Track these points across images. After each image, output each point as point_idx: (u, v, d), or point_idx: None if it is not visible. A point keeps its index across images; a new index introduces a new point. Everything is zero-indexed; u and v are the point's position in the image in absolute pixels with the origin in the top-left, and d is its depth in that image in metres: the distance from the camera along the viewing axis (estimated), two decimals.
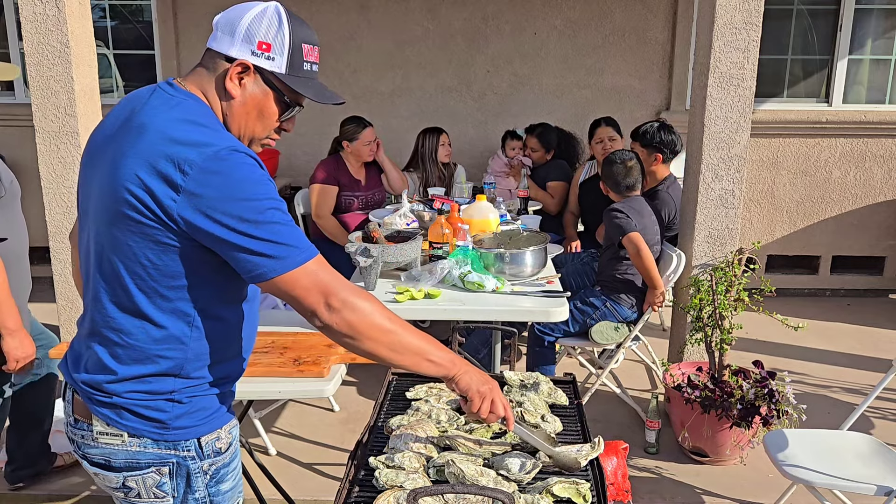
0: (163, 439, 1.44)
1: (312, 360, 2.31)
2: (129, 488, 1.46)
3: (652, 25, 5.40)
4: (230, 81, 1.41)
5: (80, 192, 1.49)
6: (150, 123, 1.33)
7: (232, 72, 1.40)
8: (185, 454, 1.47)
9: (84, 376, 1.44)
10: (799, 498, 2.79)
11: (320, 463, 3.22)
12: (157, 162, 1.28)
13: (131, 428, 1.43)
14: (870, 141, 5.35)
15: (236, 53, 1.40)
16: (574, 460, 1.61)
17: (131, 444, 1.43)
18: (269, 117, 1.48)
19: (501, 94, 5.54)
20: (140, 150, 1.31)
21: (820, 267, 5.58)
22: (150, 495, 1.47)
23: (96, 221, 1.39)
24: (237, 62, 1.40)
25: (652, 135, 3.97)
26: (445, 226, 3.24)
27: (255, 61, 1.41)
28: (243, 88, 1.42)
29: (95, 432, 1.44)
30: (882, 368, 4.02)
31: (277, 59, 1.43)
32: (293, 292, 1.37)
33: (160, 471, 1.46)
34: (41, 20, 3.33)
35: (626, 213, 3.44)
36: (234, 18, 1.41)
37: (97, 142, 1.44)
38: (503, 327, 2.28)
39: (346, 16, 5.41)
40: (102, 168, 1.37)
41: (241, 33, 1.40)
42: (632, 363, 4.24)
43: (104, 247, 1.38)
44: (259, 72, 1.42)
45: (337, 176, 4.34)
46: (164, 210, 1.29)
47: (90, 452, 1.47)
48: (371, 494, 1.51)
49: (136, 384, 1.41)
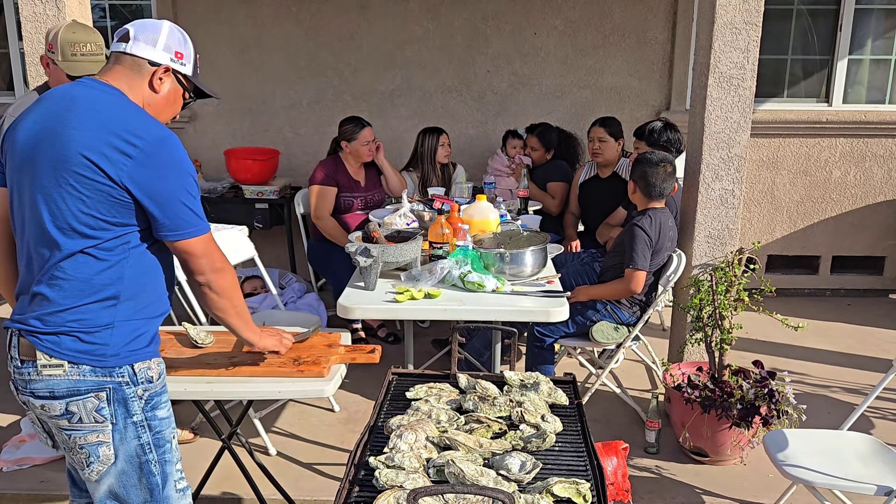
0: (100, 366, 1.71)
1: (312, 360, 2.31)
2: (72, 413, 1.71)
3: (652, 25, 5.40)
4: (157, 81, 1.81)
5: (13, 179, 1.76)
6: (102, 108, 1.70)
7: (158, 72, 1.81)
8: (120, 380, 1.73)
9: (29, 316, 1.72)
10: (799, 498, 2.79)
11: (320, 463, 3.22)
12: (112, 138, 1.65)
13: (71, 356, 1.69)
14: (870, 141, 5.35)
15: (159, 59, 1.81)
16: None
17: (71, 373, 1.70)
18: (175, 107, 1.90)
19: (501, 94, 5.54)
20: (96, 126, 1.66)
21: (820, 267, 5.58)
22: (90, 419, 1.72)
23: (43, 187, 1.68)
24: (163, 66, 1.81)
25: (659, 134, 3.97)
26: (445, 226, 3.24)
27: (173, 66, 1.83)
28: (163, 84, 1.82)
29: (39, 366, 1.70)
30: (882, 368, 4.02)
31: (187, 65, 1.87)
32: (186, 254, 1.77)
33: (98, 396, 1.71)
34: (41, 20, 3.33)
35: (650, 238, 3.32)
36: (153, 33, 1.80)
37: (30, 138, 1.72)
38: (503, 327, 2.28)
39: (346, 16, 5.41)
40: (48, 146, 1.68)
41: (162, 45, 1.81)
42: (632, 363, 4.24)
43: (49, 204, 1.67)
44: (174, 73, 1.84)
45: (336, 177, 4.34)
46: (114, 173, 1.65)
47: (36, 388, 1.73)
48: (371, 494, 1.51)
49: (76, 313, 1.70)
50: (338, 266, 4.13)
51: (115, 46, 1.81)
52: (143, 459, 1.78)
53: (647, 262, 3.34)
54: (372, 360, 2.37)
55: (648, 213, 3.39)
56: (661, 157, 3.46)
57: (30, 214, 1.72)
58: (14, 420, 3.53)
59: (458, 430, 1.75)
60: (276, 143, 5.52)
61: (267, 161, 5.12)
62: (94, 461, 1.74)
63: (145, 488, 1.80)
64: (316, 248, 4.47)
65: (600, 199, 4.40)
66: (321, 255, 4.38)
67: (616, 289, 3.42)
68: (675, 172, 3.45)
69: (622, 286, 3.39)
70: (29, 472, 3.12)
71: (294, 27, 5.42)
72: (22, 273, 1.79)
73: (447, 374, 2.11)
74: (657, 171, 3.39)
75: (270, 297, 3.96)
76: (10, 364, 1.79)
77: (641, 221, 3.36)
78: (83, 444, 1.73)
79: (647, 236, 3.32)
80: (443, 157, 4.74)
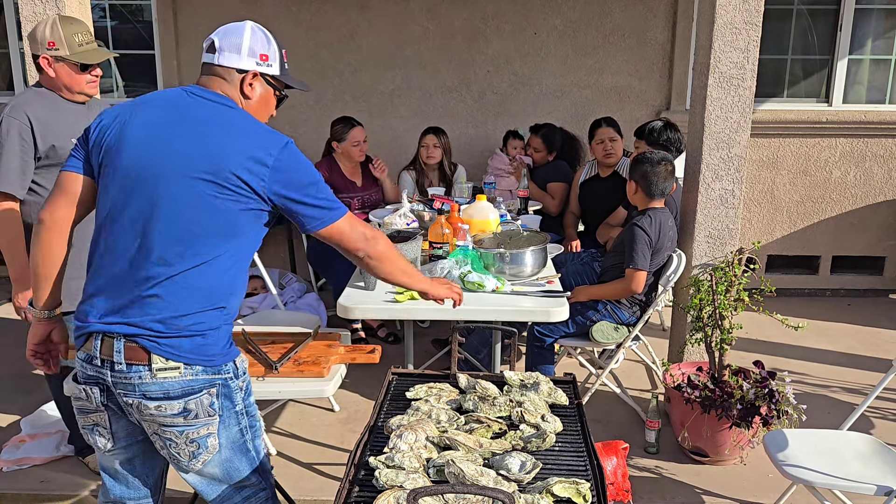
0: (210, 365, 1.78)
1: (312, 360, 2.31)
2: (189, 410, 1.78)
3: (652, 25, 5.40)
4: (247, 87, 1.88)
5: (131, 161, 1.78)
6: (231, 122, 1.79)
7: (247, 79, 1.87)
8: (226, 376, 1.82)
9: (144, 320, 1.74)
10: (799, 498, 2.79)
11: (320, 463, 3.22)
12: (252, 151, 1.75)
13: (187, 358, 1.75)
14: (870, 141, 5.35)
15: (246, 66, 1.87)
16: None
17: (186, 374, 1.76)
18: (270, 107, 1.96)
19: (501, 94, 5.54)
20: (232, 141, 1.76)
21: (820, 267, 5.58)
22: (204, 414, 1.79)
23: (172, 198, 1.73)
24: (250, 73, 1.87)
25: (659, 133, 3.97)
26: (445, 226, 3.24)
27: (260, 69, 1.88)
28: (254, 90, 1.89)
29: (155, 369, 1.74)
30: (882, 368, 4.02)
31: (273, 65, 1.92)
32: (338, 236, 1.91)
33: (210, 392, 1.79)
34: (41, 20, 3.32)
35: (650, 238, 3.32)
36: (235, 40, 1.87)
37: (149, 123, 1.79)
38: (503, 327, 2.28)
39: (346, 15, 5.41)
40: (179, 158, 1.74)
41: (246, 50, 1.87)
42: (632, 363, 4.24)
43: (176, 210, 1.73)
44: (262, 76, 1.90)
45: (331, 179, 4.35)
46: (257, 185, 1.76)
47: (149, 390, 1.76)
48: (371, 494, 1.51)
49: (195, 318, 1.76)
50: (338, 266, 4.13)
51: (205, 58, 1.88)
52: (241, 441, 1.89)
53: (648, 262, 3.34)
54: (372, 360, 2.38)
55: (648, 213, 3.39)
56: (661, 156, 3.46)
57: (146, 221, 1.74)
58: (14, 420, 3.53)
59: (458, 430, 1.75)
60: None
61: None
62: (201, 452, 1.82)
63: (246, 466, 1.91)
64: (316, 248, 4.47)
65: (600, 198, 4.39)
66: (321, 255, 4.38)
67: (616, 289, 3.42)
68: (675, 172, 3.45)
69: (622, 286, 3.38)
70: (29, 472, 3.12)
71: (294, 27, 5.42)
72: (106, 270, 1.78)
73: (447, 374, 2.11)
74: (658, 170, 3.39)
75: (270, 297, 3.96)
76: (101, 367, 1.78)
77: (641, 221, 3.36)
78: (195, 438, 1.81)
79: (647, 236, 3.32)
80: (424, 157, 4.71)
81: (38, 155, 2.68)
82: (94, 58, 2.71)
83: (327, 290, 4.69)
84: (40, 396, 3.67)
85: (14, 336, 4.57)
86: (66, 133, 2.73)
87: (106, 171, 1.81)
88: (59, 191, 1.87)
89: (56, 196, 1.87)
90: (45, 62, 2.69)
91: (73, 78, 2.71)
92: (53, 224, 1.86)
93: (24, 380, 3.99)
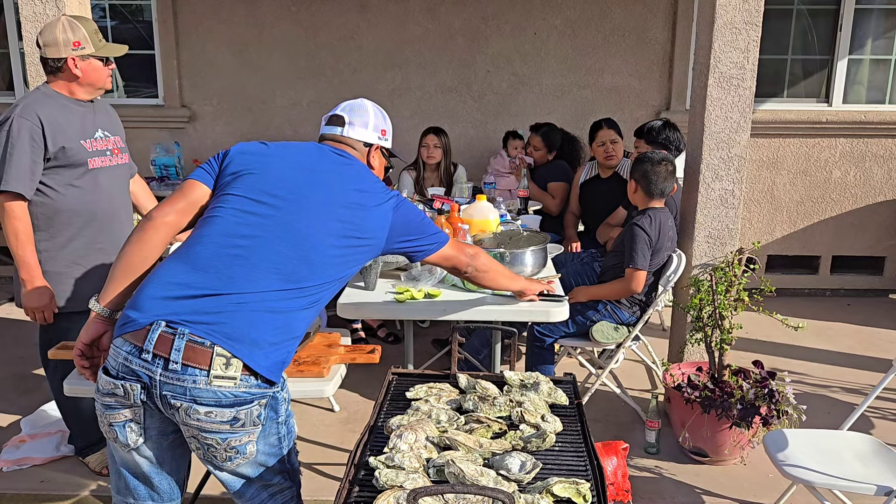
0: (269, 378, 1.79)
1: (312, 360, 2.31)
2: (237, 419, 1.76)
3: (652, 25, 5.40)
4: (373, 158, 2.15)
5: (252, 194, 1.91)
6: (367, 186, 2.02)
7: (374, 152, 2.15)
8: (275, 389, 1.84)
9: (234, 330, 1.74)
10: (799, 498, 2.79)
11: (320, 463, 3.22)
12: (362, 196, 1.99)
13: (258, 372, 1.76)
14: (870, 141, 5.35)
15: (372, 140, 2.15)
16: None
17: (240, 386, 1.75)
18: (381, 174, 2.20)
19: (501, 94, 5.54)
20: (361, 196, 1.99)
21: (820, 267, 5.58)
22: (251, 423, 1.79)
23: (311, 219, 1.88)
24: (375, 146, 2.15)
25: (658, 131, 3.98)
26: (445, 226, 3.24)
27: (381, 143, 2.17)
28: (375, 159, 2.16)
29: (212, 376, 1.72)
30: (882, 368, 4.02)
31: (389, 139, 2.22)
32: (448, 259, 2.23)
33: (260, 403, 1.80)
34: (41, 20, 3.33)
35: (649, 238, 3.32)
36: (364, 117, 2.15)
37: (301, 164, 1.99)
38: (503, 327, 2.28)
39: (346, 16, 5.41)
40: (323, 189, 1.94)
41: (372, 126, 2.15)
42: (632, 363, 4.24)
43: (305, 244, 1.85)
44: (381, 149, 2.19)
45: None
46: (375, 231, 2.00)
47: (200, 395, 1.73)
48: (371, 494, 1.51)
49: (279, 345, 1.81)
50: None
51: (329, 130, 2.13)
52: (277, 448, 1.90)
53: (647, 262, 3.34)
54: (372, 360, 2.38)
55: (648, 213, 3.39)
56: (662, 156, 3.46)
57: (274, 242, 1.84)
58: (14, 420, 3.53)
59: (458, 430, 1.75)
60: None
61: None
62: (238, 457, 1.82)
63: (277, 467, 1.92)
64: None
65: (601, 199, 4.39)
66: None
67: (616, 289, 3.42)
68: (675, 172, 3.45)
69: (622, 286, 3.38)
70: (29, 472, 3.12)
71: (294, 27, 5.42)
72: (201, 275, 1.79)
73: (447, 374, 2.11)
74: (658, 169, 3.39)
75: None
76: (151, 364, 1.73)
77: (641, 221, 3.36)
78: (235, 445, 1.80)
79: (646, 236, 3.32)
80: (424, 157, 4.70)
81: (47, 156, 2.69)
82: (116, 51, 2.80)
83: None
84: (40, 396, 3.67)
85: (14, 336, 4.57)
86: (75, 134, 2.75)
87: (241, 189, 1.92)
88: (181, 196, 1.92)
89: (176, 200, 1.92)
90: (71, 63, 2.72)
91: (98, 74, 2.78)
92: (162, 225, 1.88)
93: (24, 380, 3.99)
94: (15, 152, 2.61)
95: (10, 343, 4.47)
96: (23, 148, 2.62)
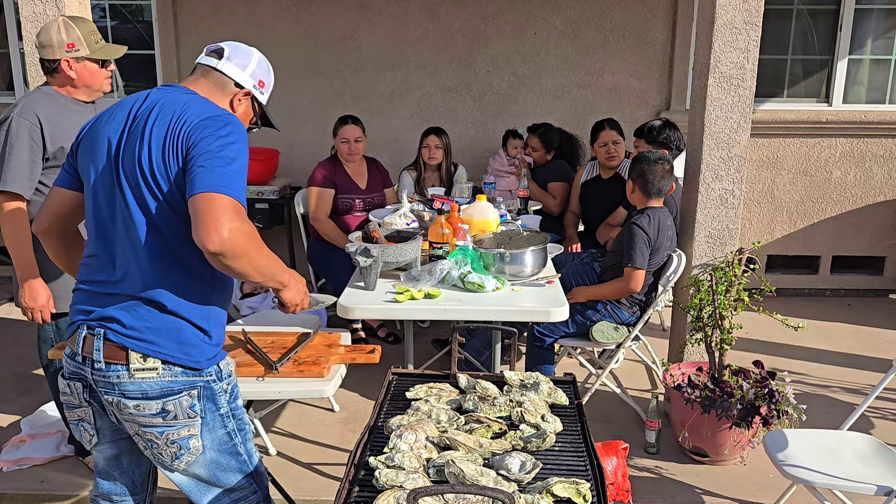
0: (191, 367, 1.78)
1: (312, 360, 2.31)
2: (168, 411, 1.77)
3: (652, 25, 5.40)
4: (237, 101, 1.94)
5: (97, 178, 1.80)
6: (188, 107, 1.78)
7: (240, 94, 1.94)
8: (208, 378, 1.81)
9: (125, 316, 1.74)
10: (799, 498, 2.79)
11: (320, 463, 3.22)
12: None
13: (168, 356, 1.75)
14: (870, 141, 5.35)
15: (245, 83, 1.94)
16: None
17: (164, 375, 1.75)
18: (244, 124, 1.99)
19: (501, 94, 5.54)
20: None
21: (820, 267, 5.58)
22: (184, 416, 1.79)
23: (135, 190, 1.74)
24: (246, 90, 1.94)
25: (658, 131, 3.98)
26: (445, 226, 3.24)
27: (254, 92, 1.96)
28: (240, 106, 1.95)
29: (132, 370, 1.74)
30: (882, 368, 4.02)
31: (265, 94, 2.01)
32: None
33: (191, 394, 1.78)
34: (41, 20, 3.33)
35: (648, 237, 3.32)
36: (245, 58, 1.94)
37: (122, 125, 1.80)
38: (503, 327, 2.28)
39: (346, 16, 5.41)
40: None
41: (250, 70, 1.94)
42: (632, 363, 4.24)
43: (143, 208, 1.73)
44: (253, 99, 1.98)
45: (333, 178, 4.34)
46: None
47: (127, 389, 1.76)
48: (371, 494, 1.51)
49: (180, 316, 1.76)
50: (337, 267, 4.13)
51: (206, 60, 1.93)
52: (229, 444, 1.88)
53: (646, 261, 3.34)
54: (372, 360, 2.38)
55: (647, 213, 3.39)
56: (658, 155, 3.46)
57: (122, 218, 1.76)
58: (14, 420, 3.53)
59: (458, 430, 1.75)
60: (276, 143, 5.52)
61: (267, 161, 5.12)
62: (183, 453, 1.82)
63: (236, 469, 1.91)
64: (316, 249, 4.46)
65: (601, 199, 4.40)
66: (321, 255, 4.38)
67: (615, 288, 3.42)
68: (673, 171, 3.45)
69: (621, 285, 3.38)
70: (29, 472, 3.12)
71: (294, 27, 5.42)
72: (104, 269, 1.80)
73: (447, 374, 2.11)
74: (655, 168, 3.39)
75: (270, 298, 3.95)
76: (82, 364, 1.80)
77: (640, 220, 3.36)
78: (175, 440, 1.80)
79: (645, 235, 3.32)
80: (426, 157, 4.69)
81: (46, 156, 2.68)
82: (113, 53, 2.76)
83: (327, 291, 4.69)
84: (40, 396, 3.67)
85: (14, 336, 4.57)
86: (74, 134, 2.74)
87: (86, 174, 1.87)
88: None
89: None
90: (65, 65, 2.70)
91: (94, 76, 2.75)
92: None
93: (24, 380, 3.99)
94: (14, 152, 2.61)
95: (10, 343, 4.47)
96: (21, 148, 2.62)
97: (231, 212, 1.65)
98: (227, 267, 1.66)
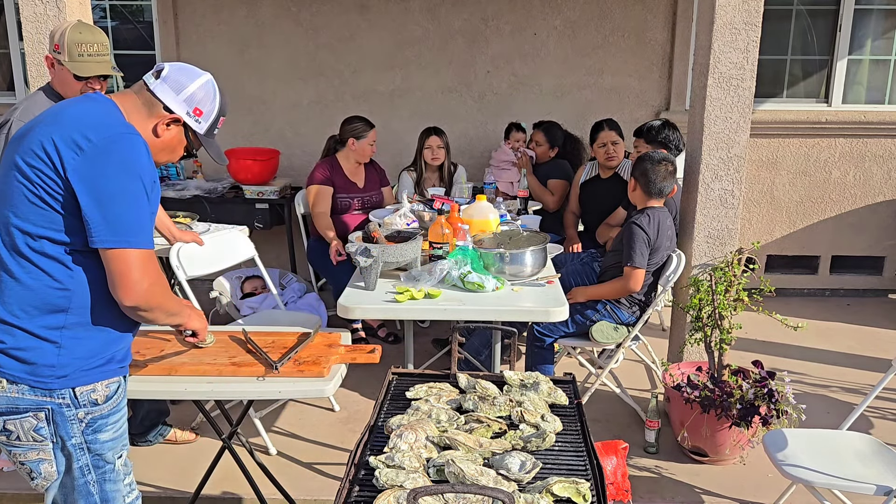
0: (40, 386, 1.65)
1: (312, 360, 2.31)
2: (9, 431, 1.67)
3: (652, 25, 5.40)
4: (162, 126, 1.78)
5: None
6: (77, 109, 1.68)
7: (166, 119, 1.78)
8: (60, 401, 1.68)
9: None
10: (799, 498, 2.80)
11: (320, 463, 3.23)
12: (71, 132, 1.63)
13: (10, 374, 1.64)
14: (869, 141, 5.36)
15: (175, 108, 1.78)
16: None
17: (10, 391, 1.64)
18: (174, 155, 1.86)
19: (501, 95, 5.54)
20: (60, 123, 1.65)
21: (819, 267, 5.58)
22: (28, 438, 1.68)
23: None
24: (174, 115, 1.78)
25: (657, 131, 3.99)
26: (445, 226, 3.24)
27: (186, 119, 1.80)
28: (167, 132, 1.80)
29: None
30: (882, 368, 4.02)
31: (203, 124, 1.83)
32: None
33: (37, 416, 1.67)
34: (41, 20, 3.33)
35: (648, 237, 3.33)
36: (183, 82, 1.79)
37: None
38: (503, 327, 2.28)
39: (346, 16, 5.42)
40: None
41: (185, 96, 1.78)
42: (632, 363, 4.24)
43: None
44: (185, 126, 1.82)
45: (332, 178, 4.34)
46: (60, 165, 1.62)
47: None
48: (371, 494, 1.51)
49: (21, 328, 1.64)
50: (337, 267, 4.13)
51: (147, 77, 1.80)
52: (81, 481, 1.76)
53: (646, 261, 3.35)
54: (372, 360, 2.37)
55: (647, 212, 3.40)
56: (662, 156, 3.47)
57: None
58: None
59: (458, 430, 1.75)
60: (276, 143, 5.53)
61: (267, 161, 5.12)
62: (36, 477, 1.73)
63: None
64: (316, 248, 4.46)
65: (601, 199, 4.40)
66: (321, 254, 4.38)
67: (614, 287, 3.43)
68: (676, 173, 3.46)
69: (620, 284, 3.39)
70: None
71: (294, 27, 5.42)
72: None
73: (447, 374, 2.11)
74: (658, 168, 3.40)
75: (271, 297, 3.96)
76: None
77: (640, 220, 3.36)
78: (24, 461, 1.72)
79: (645, 234, 3.33)
80: (429, 158, 4.70)
81: None
82: (87, 70, 2.66)
83: (327, 290, 4.70)
84: None
85: None
86: None
87: None
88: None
89: None
90: (47, 61, 2.72)
91: (65, 84, 2.70)
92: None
93: None
94: None
95: None
96: None
97: (142, 267, 1.65)
98: (140, 317, 1.71)
